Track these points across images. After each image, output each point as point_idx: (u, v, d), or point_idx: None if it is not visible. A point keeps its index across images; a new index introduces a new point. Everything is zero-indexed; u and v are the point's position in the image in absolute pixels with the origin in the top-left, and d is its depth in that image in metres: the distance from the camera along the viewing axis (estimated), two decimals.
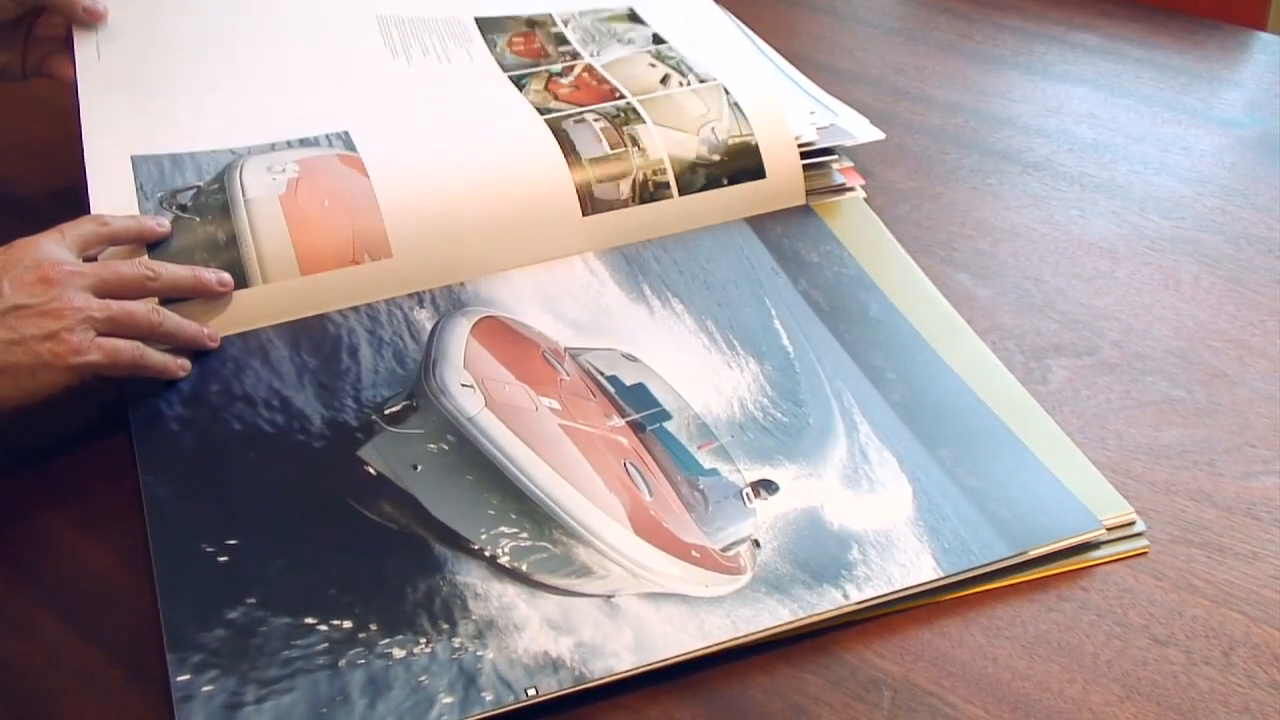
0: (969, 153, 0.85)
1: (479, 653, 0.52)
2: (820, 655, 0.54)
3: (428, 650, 0.52)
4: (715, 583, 0.55)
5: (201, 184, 0.70)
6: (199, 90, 0.77)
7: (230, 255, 0.68)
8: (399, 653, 0.52)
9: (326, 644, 0.53)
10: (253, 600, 0.54)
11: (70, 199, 0.69)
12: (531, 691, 0.51)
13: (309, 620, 0.53)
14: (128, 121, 0.74)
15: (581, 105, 0.77)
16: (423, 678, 0.51)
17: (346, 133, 0.74)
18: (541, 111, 0.77)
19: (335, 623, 0.53)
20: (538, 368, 0.66)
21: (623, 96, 0.78)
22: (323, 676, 0.51)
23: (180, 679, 0.51)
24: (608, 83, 0.79)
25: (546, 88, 0.79)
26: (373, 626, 0.53)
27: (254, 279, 0.68)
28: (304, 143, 0.74)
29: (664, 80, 0.79)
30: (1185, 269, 0.75)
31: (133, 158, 0.71)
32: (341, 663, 0.52)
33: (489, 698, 0.51)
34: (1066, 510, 0.59)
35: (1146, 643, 0.54)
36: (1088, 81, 0.93)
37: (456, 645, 0.52)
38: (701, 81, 0.79)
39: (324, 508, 0.59)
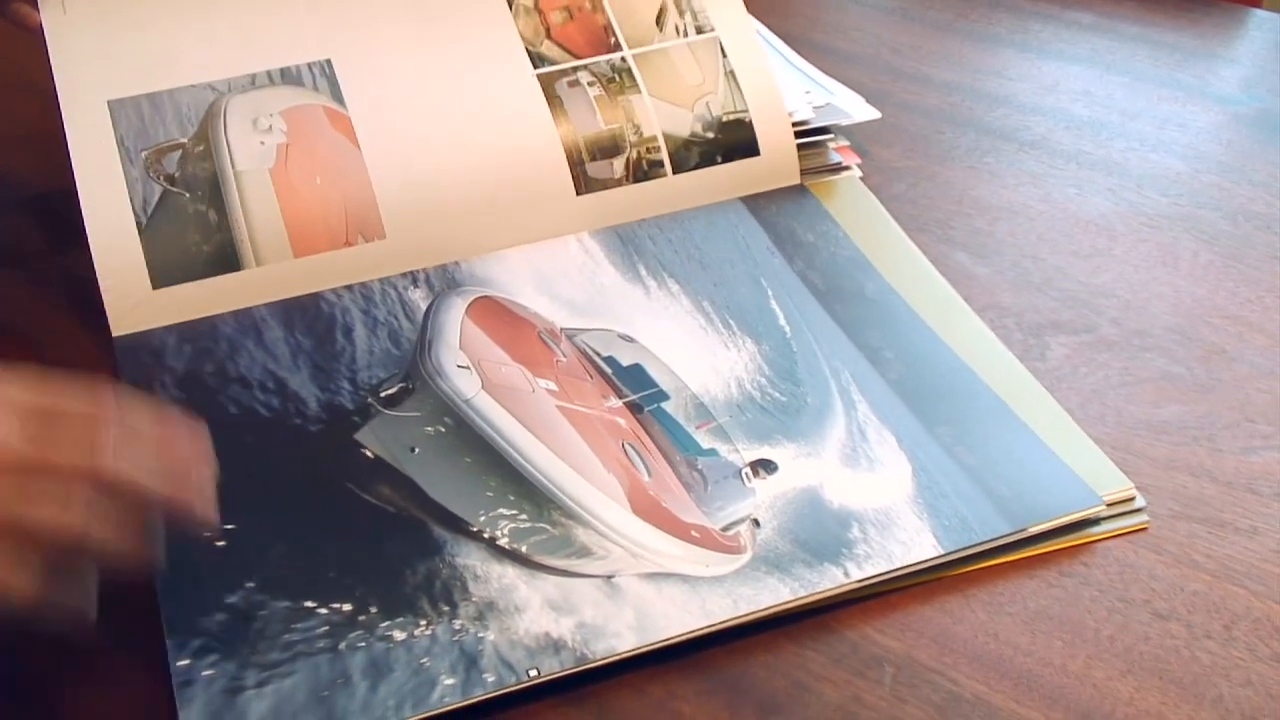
0: (965, 131, 0.85)
1: (480, 634, 0.52)
2: (822, 633, 0.54)
3: (428, 632, 0.52)
4: (716, 562, 0.55)
5: (186, 142, 0.70)
6: (172, 20, 0.74)
7: (222, 237, 0.68)
8: (400, 635, 0.52)
9: (327, 627, 0.52)
10: (252, 584, 0.54)
11: (64, 188, 0.68)
12: (533, 672, 0.51)
13: (308, 604, 0.53)
14: (101, 64, 0.71)
15: (575, 52, 0.76)
16: (424, 660, 0.51)
17: (329, 62, 0.73)
18: (534, 60, 0.76)
19: (335, 606, 0.53)
20: (534, 348, 0.66)
21: (618, 46, 0.77)
22: (323, 660, 0.51)
23: (180, 664, 0.51)
24: (602, 10, 0.77)
25: (537, 5, 0.77)
26: (373, 609, 0.53)
27: (247, 262, 0.68)
28: (286, 76, 0.72)
29: (660, 18, 0.78)
30: (1183, 246, 0.75)
31: (109, 103, 0.70)
32: (342, 645, 0.51)
33: (491, 679, 0.50)
34: (1066, 487, 0.58)
35: (1148, 617, 0.54)
36: (1083, 59, 0.92)
37: (457, 627, 0.52)
38: (699, 31, 0.78)
39: (322, 492, 0.58)
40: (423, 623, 0.52)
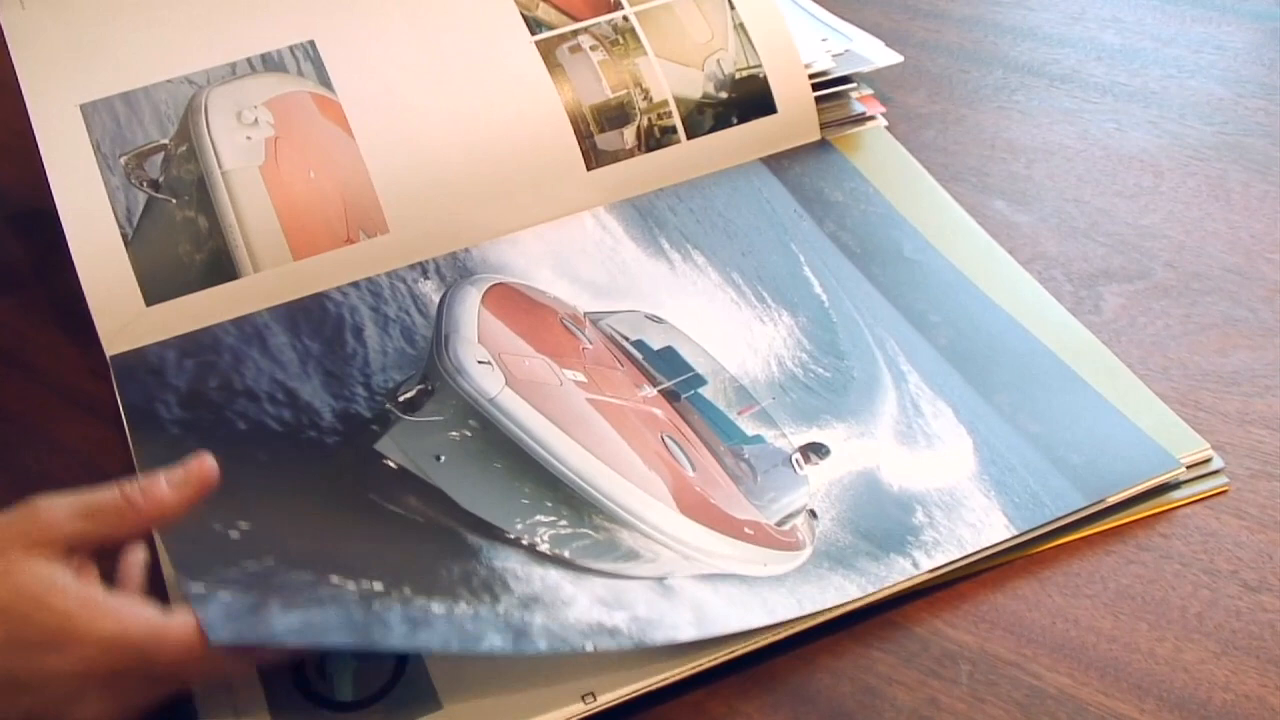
0: (991, 69, 0.80)
1: (527, 618, 0.48)
2: (888, 630, 0.50)
3: (471, 612, 0.47)
4: (774, 560, 0.51)
5: (168, 143, 0.65)
6: (140, 10, 0.69)
7: (215, 245, 0.63)
8: (439, 609, 0.47)
9: (357, 596, 0.47)
10: (271, 562, 0.48)
11: (47, 199, 0.63)
12: (589, 646, 0.47)
13: (335, 579, 0.47)
14: (69, 65, 0.66)
15: (573, 14, 0.71)
16: (468, 625, 0.47)
17: (312, 43, 0.68)
18: (531, 26, 0.70)
19: (365, 585, 0.47)
20: (557, 337, 0.62)
21: (619, 4, 0.71)
22: (356, 610, 0.46)
23: (196, 591, 0.45)
24: None
25: None
26: (407, 590, 0.48)
27: (244, 269, 0.63)
28: (267, 62, 0.68)
29: None
30: (1234, 177, 0.71)
31: (82, 107, 0.65)
32: (375, 605, 0.46)
33: (543, 645, 0.46)
34: (1140, 450, 0.55)
35: (1238, 590, 0.51)
36: None
37: (501, 611, 0.48)
38: None
39: (344, 507, 0.54)
40: (462, 604, 0.48)
